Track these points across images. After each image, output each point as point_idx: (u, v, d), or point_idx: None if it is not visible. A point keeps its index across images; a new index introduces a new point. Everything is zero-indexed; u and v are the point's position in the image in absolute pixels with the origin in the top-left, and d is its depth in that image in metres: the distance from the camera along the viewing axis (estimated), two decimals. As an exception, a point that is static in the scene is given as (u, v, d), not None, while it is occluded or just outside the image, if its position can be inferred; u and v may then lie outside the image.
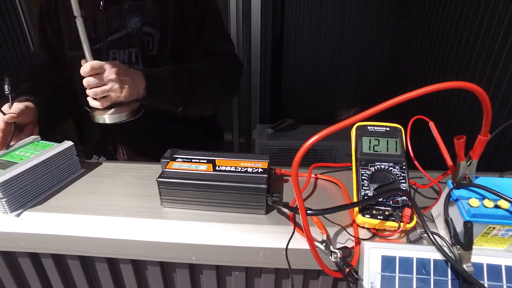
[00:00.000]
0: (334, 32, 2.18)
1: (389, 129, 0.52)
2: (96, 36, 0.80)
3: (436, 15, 1.52)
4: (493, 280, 0.39)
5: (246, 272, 0.51)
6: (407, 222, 0.43)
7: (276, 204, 0.48)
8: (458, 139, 0.38)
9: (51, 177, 0.58)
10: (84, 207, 0.53)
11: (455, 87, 0.31)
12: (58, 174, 0.59)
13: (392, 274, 0.40)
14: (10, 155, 0.58)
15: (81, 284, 0.57)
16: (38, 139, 0.64)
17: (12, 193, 0.51)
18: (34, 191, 0.55)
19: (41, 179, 0.56)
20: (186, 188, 0.50)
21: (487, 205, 0.39)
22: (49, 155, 0.57)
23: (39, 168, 0.55)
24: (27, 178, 0.53)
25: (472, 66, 1.24)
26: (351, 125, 0.35)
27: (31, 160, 0.55)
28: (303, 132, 2.00)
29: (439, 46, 1.49)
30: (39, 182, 0.56)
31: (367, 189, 0.47)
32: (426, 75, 1.64)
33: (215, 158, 0.55)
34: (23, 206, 0.53)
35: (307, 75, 2.31)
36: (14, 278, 0.56)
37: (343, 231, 0.46)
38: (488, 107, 0.33)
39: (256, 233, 0.47)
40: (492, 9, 1.13)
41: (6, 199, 0.50)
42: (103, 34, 0.79)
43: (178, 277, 0.54)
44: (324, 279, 0.50)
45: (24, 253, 0.53)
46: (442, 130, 0.44)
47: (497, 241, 0.42)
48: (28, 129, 0.72)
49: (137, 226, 0.49)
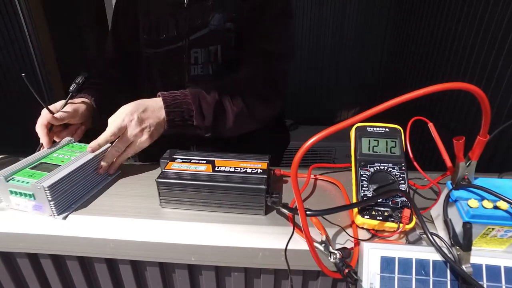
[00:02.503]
0: (334, 33, 2.18)
1: (388, 130, 0.52)
2: (177, 35, 0.77)
3: (436, 15, 1.52)
4: (492, 281, 0.39)
5: (245, 272, 0.51)
6: (406, 223, 0.43)
7: (276, 204, 0.48)
8: (457, 140, 0.38)
9: (92, 179, 0.58)
10: (83, 207, 0.53)
11: (454, 88, 0.31)
12: (97, 176, 0.59)
13: (391, 275, 0.40)
14: (49, 157, 0.58)
15: (80, 285, 0.57)
16: (72, 141, 0.64)
17: (59, 195, 0.50)
18: (77, 193, 0.55)
19: (82, 182, 0.56)
20: (186, 189, 0.50)
21: (486, 206, 0.39)
22: (89, 157, 0.57)
23: (81, 170, 0.55)
24: (71, 180, 0.53)
25: (471, 66, 1.25)
26: (351, 125, 0.35)
27: (73, 163, 0.55)
28: (303, 133, 2.00)
29: (438, 46, 1.49)
30: (81, 185, 0.55)
31: (367, 190, 0.47)
32: (425, 75, 1.64)
33: (214, 159, 0.55)
34: (69, 209, 0.52)
35: (306, 76, 2.31)
36: (12, 279, 0.56)
37: (342, 232, 0.46)
38: (487, 108, 0.33)
39: (255, 234, 0.47)
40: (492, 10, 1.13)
41: (54, 202, 0.50)
42: (185, 33, 0.77)
43: (177, 278, 0.54)
44: (324, 279, 0.50)
45: (23, 254, 0.53)
46: (441, 131, 0.44)
47: (496, 242, 0.42)
48: (73, 128, 0.71)
49: (136, 226, 0.49)
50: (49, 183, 0.49)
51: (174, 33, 0.78)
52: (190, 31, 0.77)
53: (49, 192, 0.49)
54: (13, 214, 0.51)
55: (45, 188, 0.48)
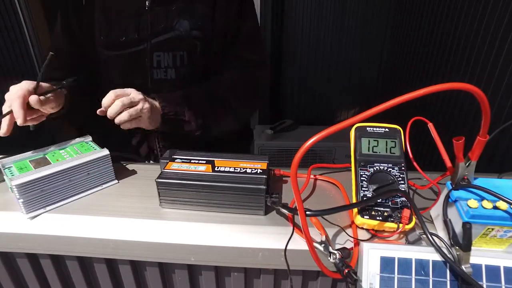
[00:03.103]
0: (334, 33, 2.18)
1: (388, 130, 0.52)
2: (138, 37, 0.76)
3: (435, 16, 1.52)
4: (491, 281, 0.39)
5: (245, 273, 0.51)
6: (406, 223, 0.43)
7: (275, 205, 0.48)
8: (457, 140, 0.38)
9: (80, 183, 0.56)
10: (83, 207, 0.53)
11: (454, 88, 0.31)
12: (88, 181, 0.57)
13: (391, 275, 0.40)
14: (54, 153, 0.58)
15: (79, 285, 0.57)
16: (89, 140, 0.62)
17: (29, 195, 0.50)
18: (57, 195, 0.53)
19: (68, 184, 0.54)
20: (185, 189, 0.50)
21: (485, 206, 0.39)
22: (78, 162, 0.55)
23: (65, 173, 0.53)
24: (50, 181, 0.52)
25: (471, 67, 1.25)
26: (350, 126, 0.35)
27: (63, 164, 0.54)
28: (302, 133, 2.01)
29: (438, 46, 1.49)
30: (65, 187, 0.54)
31: (366, 190, 0.47)
32: (425, 75, 1.64)
33: (214, 159, 0.55)
34: (42, 208, 0.52)
35: (306, 76, 2.31)
36: (12, 279, 0.56)
37: (342, 232, 0.46)
38: (487, 109, 0.33)
39: (255, 234, 0.47)
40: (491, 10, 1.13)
41: (22, 200, 0.50)
42: (147, 36, 0.76)
43: (177, 278, 0.54)
44: (323, 280, 0.50)
45: (22, 254, 0.53)
46: (441, 131, 0.44)
47: (496, 242, 0.42)
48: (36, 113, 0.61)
49: (136, 226, 0.49)
50: (19, 181, 0.49)
51: (135, 36, 0.76)
52: (153, 34, 0.76)
53: (17, 190, 0.49)
54: (13, 214, 0.51)
55: (13, 186, 0.48)
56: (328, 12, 2.12)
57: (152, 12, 0.75)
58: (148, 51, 0.77)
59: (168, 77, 0.79)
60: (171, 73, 0.78)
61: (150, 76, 0.78)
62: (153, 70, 0.78)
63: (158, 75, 0.78)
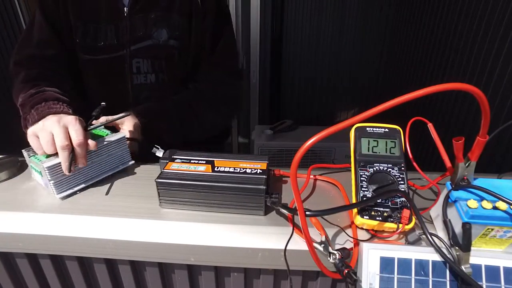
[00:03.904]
0: (333, 33, 2.18)
1: (388, 130, 0.52)
2: (118, 43, 0.77)
3: (435, 16, 1.52)
4: (491, 281, 0.39)
5: (244, 273, 0.51)
6: (405, 224, 0.43)
7: (275, 205, 0.48)
8: (457, 141, 0.38)
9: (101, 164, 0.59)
10: (82, 207, 0.53)
11: (454, 88, 0.31)
12: (108, 162, 0.60)
13: (391, 275, 0.40)
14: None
15: (79, 285, 0.57)
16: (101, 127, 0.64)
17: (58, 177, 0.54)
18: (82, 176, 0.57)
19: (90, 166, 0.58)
20: (185, 189, 0.50)
21: (485, 206, 0.39)
22: (100, 144, 0.58)
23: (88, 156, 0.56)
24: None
25: (471, 67, 1.25)
26: (350, 126, 0.35)
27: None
28: (302, 133, 2.00)
29: (438, 46, 1.49)
30: (88, 169, 0.57)
31: (366, 190, 0.47)
32: (425, 75, 1.64)
33: (214, 159, 0.55)
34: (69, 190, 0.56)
35: (306, 76, 2.31)
36: (11, 280, 0.56)
37: (341, 232, 0.46)
38: (487, 109, 0.33)
39: (254, 234, 0.47)
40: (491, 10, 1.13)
41: (53, 182, 0.53)
42: (126, 42, 0.77)
43: (176, 278, 0.54)
44: (323, 280, 0.50)
45: (22, 254, 0.53)
46: (440, 131, 0.44)
47: (496, 243, 0.42)
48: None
49: (136, 226, 0.49)
50: (50, 163, 0.52)
51: (114, 41, 0.77)
52: (132, 41, 0.77)
53: (48, 172, 0.52)
54: (13, 214, 0.51)
55: (45, 168, 0.52)
56: (328, 12, 2.12)
57: (130, 19, 0.76)
58: (128, 57, 0.78)
59: (148, 81, 0.81)
60: (151, 77, 0.81)
61: (131, 82, 0.80)
62: (133, 75, 0.79)
63: (138, 80, 0.80)
